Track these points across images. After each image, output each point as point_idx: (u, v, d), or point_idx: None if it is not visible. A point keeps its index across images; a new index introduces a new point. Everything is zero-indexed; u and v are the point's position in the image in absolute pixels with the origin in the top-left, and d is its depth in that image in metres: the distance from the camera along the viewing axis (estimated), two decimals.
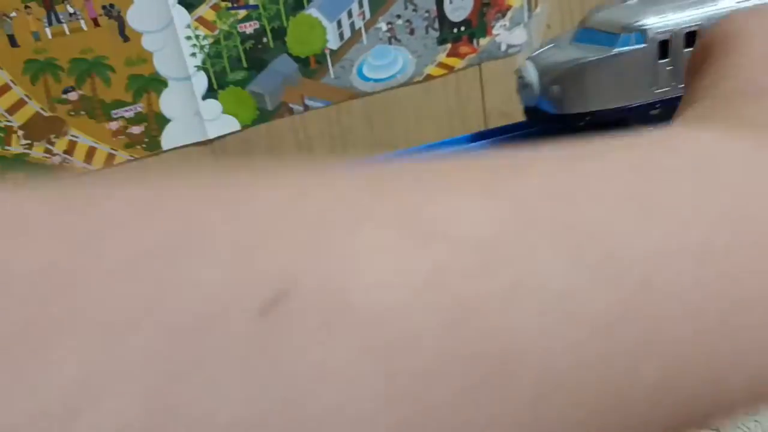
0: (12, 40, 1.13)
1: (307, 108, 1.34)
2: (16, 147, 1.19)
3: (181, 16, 1.20)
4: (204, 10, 1.21)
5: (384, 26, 1.33)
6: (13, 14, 1.11)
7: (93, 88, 1.19)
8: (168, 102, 1.24)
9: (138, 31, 1.19)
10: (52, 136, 1.20)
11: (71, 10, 1.14)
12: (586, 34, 0.59)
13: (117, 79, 1.20)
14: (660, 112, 0.59)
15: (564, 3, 1.47)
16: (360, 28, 1.31)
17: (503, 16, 1.42)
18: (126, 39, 1.18)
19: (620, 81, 0.57)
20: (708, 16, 0.55)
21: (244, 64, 1.27)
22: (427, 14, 1.35)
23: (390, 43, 1.35)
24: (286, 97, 1.31)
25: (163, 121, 1.26)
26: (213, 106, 1.27)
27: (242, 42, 1.25)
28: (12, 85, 1.15)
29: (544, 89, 0.59)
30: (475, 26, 1.40)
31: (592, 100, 0.58)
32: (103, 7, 1.15)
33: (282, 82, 1.30)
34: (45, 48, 1.14)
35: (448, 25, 1.37)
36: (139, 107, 1.23)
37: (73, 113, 1.20)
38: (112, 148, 1.24)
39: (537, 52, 0.61)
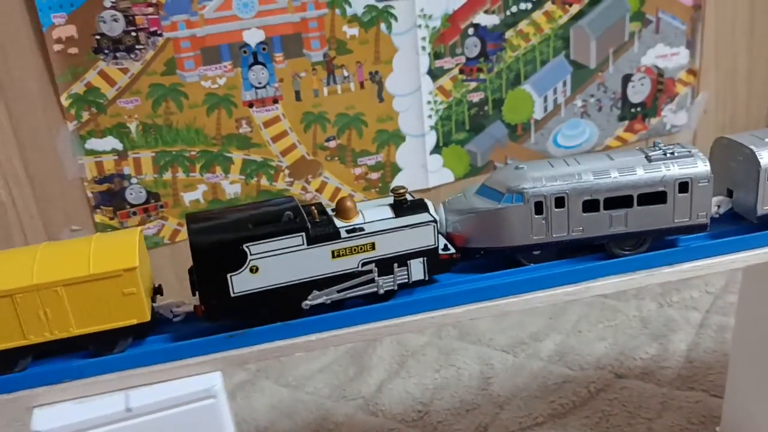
0: (297, 95, 1.35)
1: None
2: (280, 183, 1.40)
3: (426, 84, 1.43)
4: (444, 81, 1.44)
5: (579, 102, 1.56)
6: (303, 74, 1.34)
7: (349, 138, 1.42)
8: (403, 154, 1.47)
9: (392, 94, 1.41)
10: (309, 176, 1.42)
11: (345, 74, 1.37)
12: (485, 189, 0.74)
13: (368, 132, 1.42)
14: (541, 253, 0.75)
15: (720, 94, 1.71)
16: (561, 103, 1.54)
17: (672, 100, 1.65)
18: (381, 100, 1.41)
19: (504, 228, 0.72)
20: (572, 187, 0.71)
21: (467, 127, 1.49)
22: (613, 95, 1.58)
23: (581, 117, 1.57)
24: (494, 156, 1.53)
25: (396, 169, 1.48)
26: (436, 160, 1.49)
27: (469, 108, 1.48)
28: (289, 131, 1.37)
29: (450, 227, 0.74)
30: (649, 107, 1.63)
31: (483, 239, 0.73)
32: (370, 73, 1.38)
33: (493, 143, 1.52)
34: (320, 103, 1.37)
35: (628, 105, 1.61)
36: (380, 157, 1.45)
37: (329, 158, 1.42)
38: (353, 190, 1.46)
39: (448, 199, 0.77)
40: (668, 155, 0.73)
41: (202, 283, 0.65)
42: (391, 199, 0.72)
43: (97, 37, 1.21)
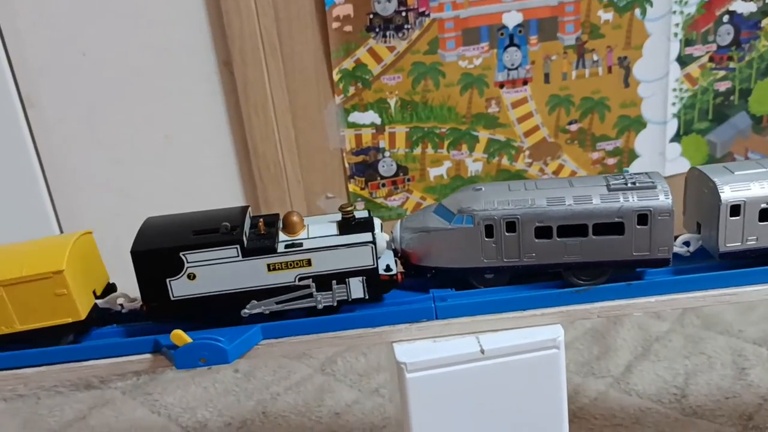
0: (546, 78, 1.38)
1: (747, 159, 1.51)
2: (520, 164, 1.44)
3: (674, 71, 1.42)
4: (692, 68, 1.42)
5: None
6: (554, 57, 1.37)
7: (590, 123, 1.43)
8: (642, 141, 1.46)
9: (638, 80, 1.41)
10: (548, 158, 1.45)
11: (595, 58, 1.38)
12: (441, 208, 0.72)
13: (610, 117, 1.43)
14: (494, 277, 0.72)
15: None
16: None
17: None
18: (627, 85, 1.41)
19: (454, 249, 0.70)
20: (524, 212, 0.69)
21: (709, 116, 1.46)
22: None
23: None
24: (734, 147, 1.50)
25: (633, 156, 1.47)
26: (675, 148, 1.48)
27: (714, 97, 1.45)
28: (534, 113, 1.40)
29: (404, 244, 0.73)
30: None
31: (433, 259, 0.72)
32: (618, 58, 1.39)
33: (735, 134, 1.49)
34: (567, 86, 1.39)
35: None
36: (619, 143, 1.45)
37: (569, 141, 1.44)
38: (588, 174, 1.47)
39: (407, 217, 0.76)
40: (629, 185, 0.70)
41: (142, 286, 0.69)
42: (339, 216, 0.72)
43: (371, 16, 1.29)
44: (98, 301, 0.73)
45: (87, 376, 0.95)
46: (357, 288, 0.70)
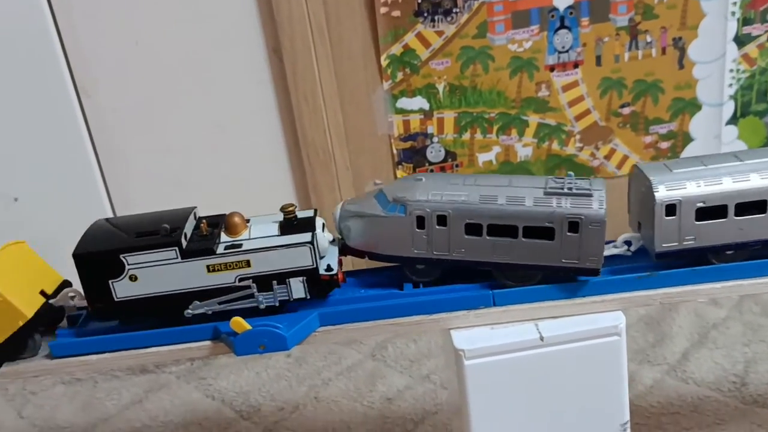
0: (598, 60, 1.35)
1: None
2: (570, 148, 1.42)
3: (731, 51, 1.37)
4: (750, 48, 1.38)
5: None
6: (606, 39, 1.34)
7: (643, 106, 1.40)
8: (697, 124, 1.42)
9: (693, 61, 1.38)
10: (599, 142, 1.42)
11: (648, 40, 1.35)
12: (380, 195, 0.72)
13: (664, 100, 1.40)
14: (424, 269, 0.72)
15: None
16: None
17: None
18: (681, 67, 1.38)
19: (387, 236, 0.71)
20: (455, 207, 0.68)
21: None
22: None
23: None
24: None
25: (687, 140, 1.44)
26: (731, 131, 1.44)
27: None
28: (585, 96, 1.38)
29: (341, 226, 0.74)
30: None
31: (367, 243, 0.72)
32: (673, 39, 1.35)
33: None
34: (620, 69, 1.36)
35: None
36: (673, 126, 1.42)
37: (621, 125, 1.41)
38: (641, 158, 1.44)
39: (350, 199, 0.76)
40: (566, 191, 0.68)
41: (86, 288, 0.70)
42: (281, 216, 0.71)
43: (419, 0, 1.28)
44: (52, 300, 0.75)
45: (149, 363, 0.97)
46: (298, 288, 0.70)
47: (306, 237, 0.69)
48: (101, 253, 0.69)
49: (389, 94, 1.34)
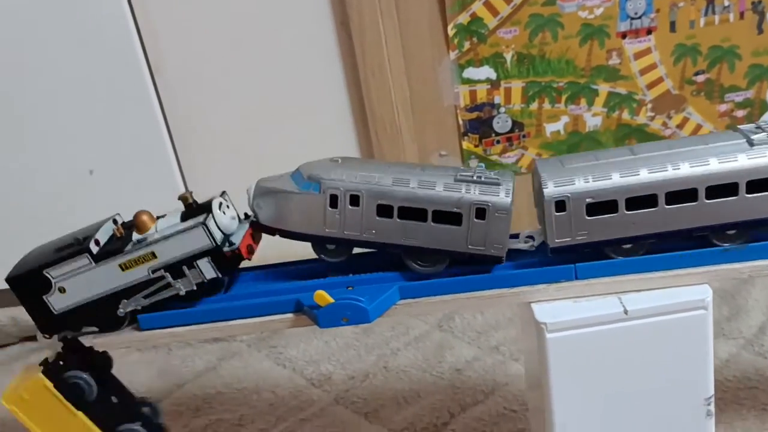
0: (672, 26, 1.32)
1: None
2: (641, 117, 1.39)
3: None
4: None
5: None
6: (681, 4, 1.30)
7: (719, 73, 1.36)
8: None
9: None
10: (672, 111, 1.38)
11: (726, 4, 1.30)
12: (296, 174, 0.73)
13: (740, 66, 1.35)
14: (335, 248, 0.73)
15: None
16: None
17: None
18: (760, 32, 1.33)
19: (300, 213, 0.71)
20: (368, 188, 0.69)
21: None
22: None
23: None
24: None
25: (765, 108, 1.39)
26: None
27: None
28: (658, 64, 1.34)
29: (254, 203, 0.73)
30: None
31: (278, 220, 0.73)
32: (752, 3, 1.30)
33: None
34: (694, 35, 1.32)
35: None
36: (749, 94, 1.37)
37: (695, 93, 1.37)
38: (715, 128, 1.40)
39: (265, 177, 0.74)
40: (475, 179, 0.70)
41: (27, 308, 0.74)
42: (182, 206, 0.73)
43: None
44: None
45: (235, 335, 1.00)
46: (207, 269, 0.72)
47: (198, 219, 0.72)
48: (27, 272, 0.74)
49: (456, 64, 1.33)
